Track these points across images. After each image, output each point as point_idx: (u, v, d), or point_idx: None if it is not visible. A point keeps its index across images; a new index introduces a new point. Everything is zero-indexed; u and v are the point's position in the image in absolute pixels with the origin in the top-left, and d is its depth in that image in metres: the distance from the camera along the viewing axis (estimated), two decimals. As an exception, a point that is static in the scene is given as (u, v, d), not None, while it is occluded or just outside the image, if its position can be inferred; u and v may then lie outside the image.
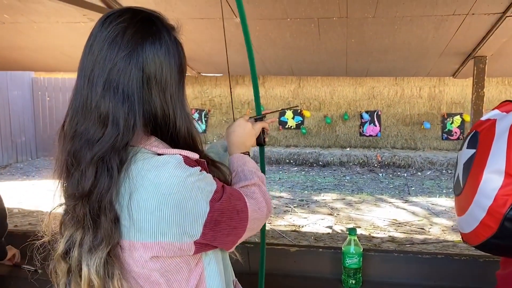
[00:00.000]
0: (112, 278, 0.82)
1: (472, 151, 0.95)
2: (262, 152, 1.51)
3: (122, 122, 0.83)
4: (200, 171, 0.87)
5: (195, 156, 0.89)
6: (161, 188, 0.81)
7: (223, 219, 0.87)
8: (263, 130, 1.37)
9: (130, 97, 0.84)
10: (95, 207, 0.81)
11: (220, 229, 0.87)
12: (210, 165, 0.97)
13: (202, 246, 0.87)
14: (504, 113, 0.94)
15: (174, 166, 0.83)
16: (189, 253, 0.86)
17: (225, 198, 0.89)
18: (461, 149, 1.03)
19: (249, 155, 1.19)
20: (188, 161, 0.86)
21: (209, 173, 0.93)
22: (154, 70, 0.86)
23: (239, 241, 0.96)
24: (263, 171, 1.57)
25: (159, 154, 0.86)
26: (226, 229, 0.89)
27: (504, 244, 0.88)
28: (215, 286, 0.93)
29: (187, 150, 0.90)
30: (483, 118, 1.00)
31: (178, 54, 0.92)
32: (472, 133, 1.00)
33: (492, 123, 0.93)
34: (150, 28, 0.87)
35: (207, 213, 0.84)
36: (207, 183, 0.87)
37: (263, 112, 1.36)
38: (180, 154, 0.86)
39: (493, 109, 1.00)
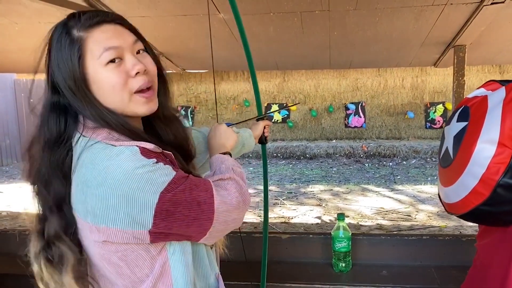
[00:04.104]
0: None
1: (464, 123, 1.01)
2: (264, 150, 1.60)
3: (60, 121, 0.94)
4: (156, 162, 0.87)
5: (150, 146, 0.90)
6: (108, 179, 0.84)
7: (178, 210, 0.87)
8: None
9: (65, 96, 0.93)
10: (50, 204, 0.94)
11: (175, 219, 0.87)
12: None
13: (158, 235, 0.88)
14: (490, 91, 1.01)
15: (126, 157, 0.86)
16: (146, 242, 0.88)
17: (183, 188, 0.88)
18: (448, 124, 1.09)
19: (230, 155, 1.19)
20: (146, 152, 0.88)
21: (177, 164, 0.96)
22: (57, 76, 0.92)
23: (211, 233, 0.95)
24: (265, 168, 1.64)
25: (114, 145, 0.89)
26: (184, 220, 0.88)
27: (493, 211, 0.94)
28: (180, 277, 0.94)
29: (115, 136, 0.92)
30: (470, 96, 1.07)
31: (70, 46, 0.92)
32: (462, 108, 1.06)
33: (484, 98, 0.99)
34: (52, 39, 0.94)
35: (155, 203, 0.84)
36: (160, 175, 0.86)
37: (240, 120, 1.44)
38: (137, 146, 0.88)
39: (478, 88, 1.06)
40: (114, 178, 0.84)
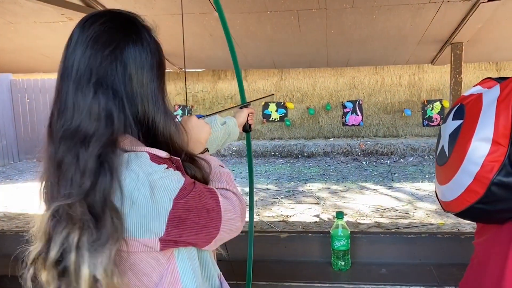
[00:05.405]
0: (113, 275, 0.81)
1: (459, 122, 1.01)
2: (248, 137, 1.57)
3: (115, 118, 0.85)
4: (167, 168, 0.86)
5: (162, 154, 0.88)
6: (121, 187, 0.82)
7: (189, 217, 0.86)
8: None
9: (118, 93, 0.86)
10: (97, 205, 0.80)
11: (186, 227, 0.86)
12: (185, 161, 0.96)
13: (168, 242, 0.86)
14: (486, 88, 1.00)
15: (137, 164, 0.84)
16: (155, 250, 0.86)
17: (193, 195, 0.87)
18: (445, 122, 1.09)
19: (207, 150, 1.15)
20: (156, 159, 0.86)
21: (185, 170, 0.93)
22: (136, 68, 0.88)
23: (216, 241, 0.95)
24: (249, 157, 1.63)
25: (127, 151, 0.86)
26: (194, 227, 0.87)
27: (488, 209, 0.94)
28: (189, 283, 0.93)
29: (166, 147, 0.91)
30: (466, 94, 1.07)
31: (158, 52, 0.95)
32: (457, 106, 1.06)
33: (478, 96, 0.99)
34: (130, 28, 0.91)
35: (169, 210, 0.84)
36: (172, 181, 0.85)
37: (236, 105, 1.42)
38: (147, 152, 0.86)
39: (475, 86, 1.06)
40: (126, 185, 0.82)
